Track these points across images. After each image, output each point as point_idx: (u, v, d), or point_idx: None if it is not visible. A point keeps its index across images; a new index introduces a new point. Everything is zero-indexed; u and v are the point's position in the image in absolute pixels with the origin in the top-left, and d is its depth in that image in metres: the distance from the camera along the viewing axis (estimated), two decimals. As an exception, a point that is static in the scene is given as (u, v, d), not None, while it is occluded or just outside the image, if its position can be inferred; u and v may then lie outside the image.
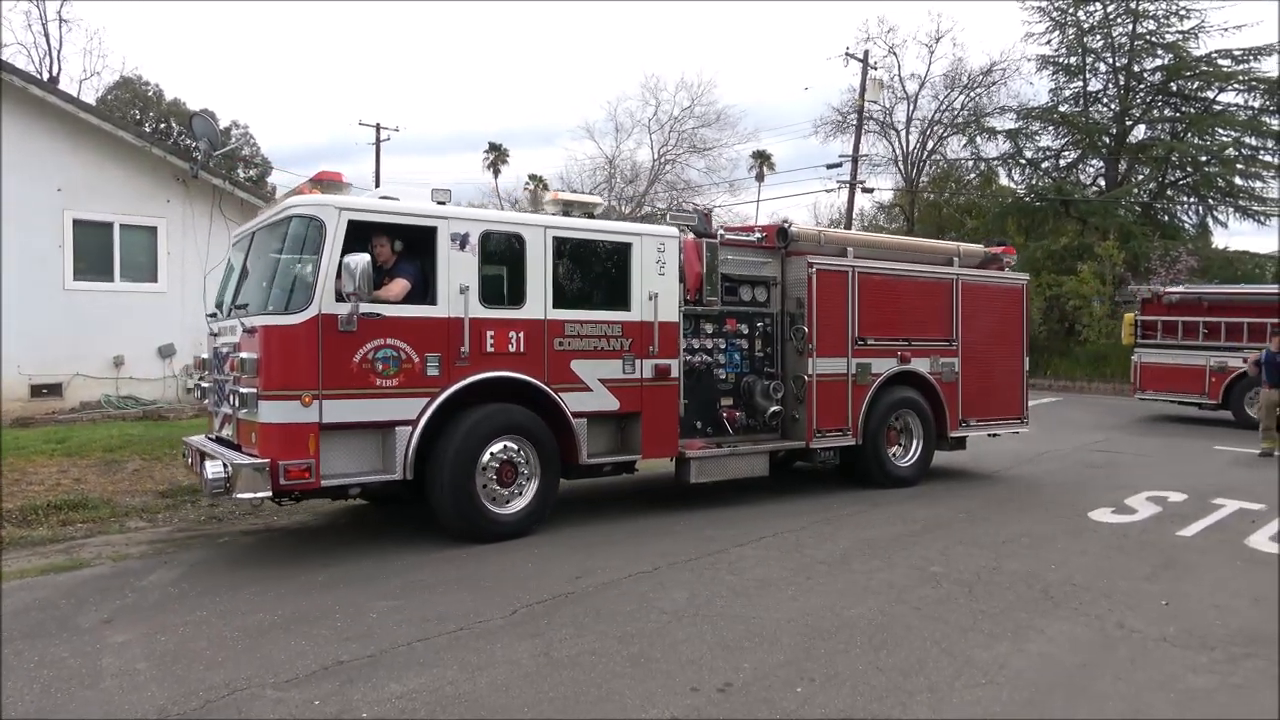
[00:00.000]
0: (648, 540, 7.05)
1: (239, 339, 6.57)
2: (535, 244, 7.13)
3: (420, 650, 4.62)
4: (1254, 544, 7.24)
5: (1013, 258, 11.12)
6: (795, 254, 9.07)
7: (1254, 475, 10.88)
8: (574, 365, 7.29)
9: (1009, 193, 35.84)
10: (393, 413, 6.44)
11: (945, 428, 9.93)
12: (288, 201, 6.69)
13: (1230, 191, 32.02)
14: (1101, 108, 33.70)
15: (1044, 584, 5.94)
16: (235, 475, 6.00)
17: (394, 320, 6.44)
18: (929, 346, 9.77)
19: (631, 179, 41.17)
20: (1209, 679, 4.37)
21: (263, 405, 6.12)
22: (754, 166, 60.03)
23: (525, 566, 6.22)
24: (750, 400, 8.77)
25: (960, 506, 8.60)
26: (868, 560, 6.51)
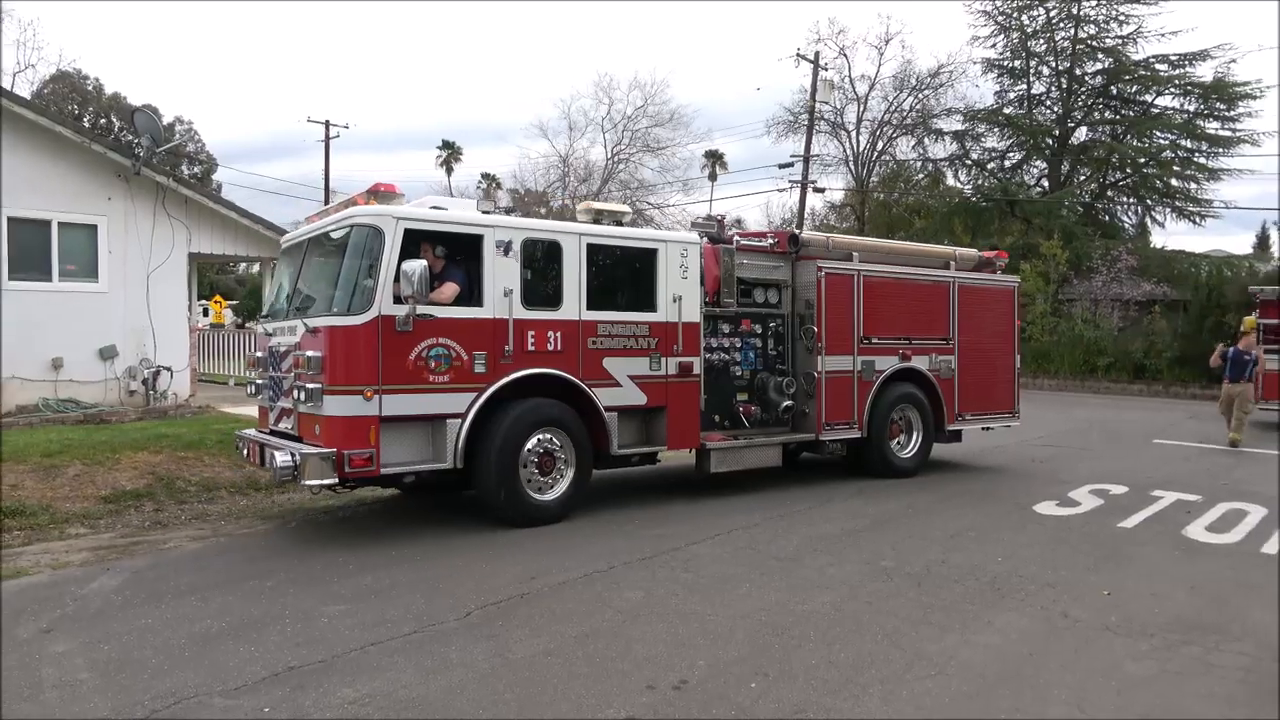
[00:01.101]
0: (602, 539, 7.05)
1: (300, 339, 7.03)
2: (571, 250, 7.65)
3: (373, 654, 4.57)
4: (1190, 534, 7.48)
5: (1004, 261, 11.70)
6: (805, 258, 9.64)
7: (1191, 467, 11.24)
8: (606, 362, 7.81)
9: (956, 193, 36.53)
10: (444, 406, 6.93)
11: (943, 421, 10.48)
12: (348, 211, 7.14)
13: (1167, 192, 33.01)
14: (1045, 110, 34.51)
15: (991, 576, 6.07)
16: (304, 464, 6.46)
17: (445, 321, 6.92)
18: (928, 345, 10.33)
19: (585, 178, 41.12)
20: (1148, 666, 4.51)
21: (327, 399, 6.62)
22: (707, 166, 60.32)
23: (479, 567, 6.18)
24: (764, 395, 9.31)
25: (908, 502, 8.74)
26: (820, 556, 6.59)
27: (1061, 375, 25.90)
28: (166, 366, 13.34)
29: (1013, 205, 32.85)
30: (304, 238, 7.84)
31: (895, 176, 38.93)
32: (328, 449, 6.54)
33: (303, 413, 6.95)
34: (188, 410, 12.61)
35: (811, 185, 34.60)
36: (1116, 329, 26.70)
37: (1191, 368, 24.36)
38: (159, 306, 13.39)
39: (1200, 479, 10.27)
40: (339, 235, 7.20)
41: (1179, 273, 28.74)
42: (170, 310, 13.59)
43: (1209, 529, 7.67)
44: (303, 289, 7.55)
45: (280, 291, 8.06)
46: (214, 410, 12.71)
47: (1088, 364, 25.98)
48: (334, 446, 6.54)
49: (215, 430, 10.52)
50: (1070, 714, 3.94)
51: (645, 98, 40.81)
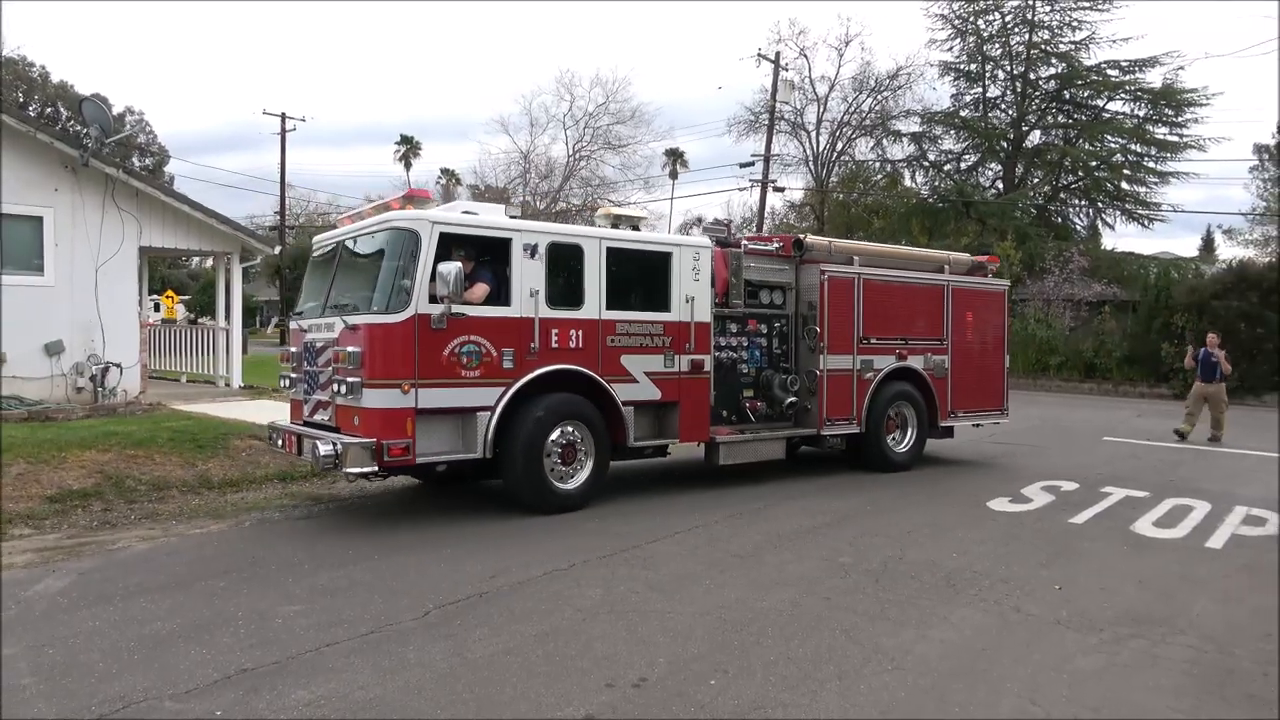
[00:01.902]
0: (563, 537, 7.03)
1: (338, 335, 7.38)
2: (592, 253, 8.05)
3: (329, 655, 4.50)
4: (1138, 530, 7.66)
5: (995, 265, 12.23)
6: (808, 262, 10.11)
7: (1138, 464, 11.51)
8: (623, 360, 8.24)
9: (914, 194, 37.02)
10: (474, 400, 7.32)
11: (936, 418, 10.97)
12: (386, 216, 7.55)
13: (1118, 195, 33.81)
14: (1000, 113, 35.11)
15: (946, 572, 6.16)
16: (345, 452, 6.84)
17: (476, 319, 7.31)
18: (923, 345, 10.82)
19: (546, 174, 40.95)
20: (1098, 659, 4.60)
21: (367, 392, 7.00)
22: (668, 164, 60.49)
23: (437, 567, 6.13)
24: (769, 392, 9.77)
25: (867, 498, 8.84)
26: (780, 553, 6.63)
27: (1014, 374, 26.33)
28: (116, 363, 13.03)
29: (968, 206, 33.38)
30: (339, 239, 8.19)
31: (854, 177, 39.32)
32: (368, 439, 6.92)
33: (341, 405, 7.31)
34: (138, 408, 12.32)
35: (772, 185, 34.83)
36: (1068, 329, 27.27)
37: (1140, 367, 25.00)
38: (108, 301, 13.07)
39: (1147, 475, 10.52)
40: (376, 238, 7.60)
41: (1128, 274, 29.43)
42: (120, 305, 13.27)
43: (1156, 524, 7.86)
44: (339, 288, 7.91)
45: (314, 290, 8.40)
46: (165, 408, 12.44)
47: (1040, 363, 26.51)
48: (373, 436, 6.93)
49: (166, 428, 10.30)
50: (1022, 707, 4.01)
51: (607, 95, 40.79)
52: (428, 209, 7.51)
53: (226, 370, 15.76)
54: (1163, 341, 24.07)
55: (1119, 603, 5.55)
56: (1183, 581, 6.10)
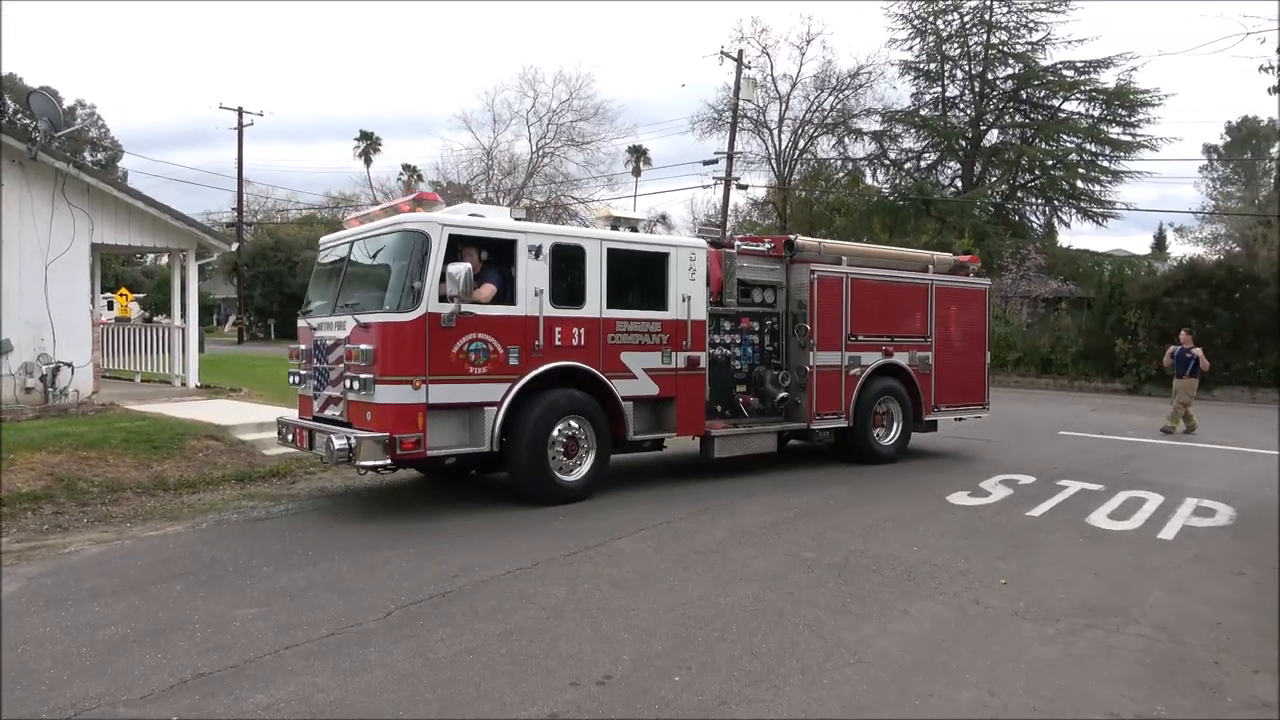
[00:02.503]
0: (526, 535, 7.00)
1: (350, 333, 7.63)
2: (593, 254, 8.36)
3: (288, 658, 4.43)
4: (1094, 522, 7.81)
5: (976, 265, 12.63)
6: (799, 262, 10.44)
7: (1093, 458, 11.74)
8: (623, 356, 8.54)
9: (875, 192, 37.37)
10: (482, 395, 7.61)
11: (921, 412, 11.35)
12: (397, 218, 7.81)
13: (1073, 194, 34.42)
14: (959, 112, 35.57)
15: (907, 565, 6.23)
16: (359, 446, 7.11)
17: (483, 318, 7.58)
18: (908, 342, 11.17)
19: (509, 171, 40.77)
20: (1054, 650, 4.69)
21: (379, 388, 7.27)
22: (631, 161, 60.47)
23: (399, 567, 6.06)
24: (761, 387, 10.10)
25: (828, 494, 8.91)
26: (743, 548, 6.66)
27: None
28: (67, 362, 12.71)
29: (928, 204, 33.79)
30: (348, 240, 8.42)
31: (816, 175, 39.59)
32: (381, 433, 7.20)
33: (353, 400, 7.56)
34: (90, 408, 12.04)
35: (735, 182, 34.96)
36: (1025, 325, 27.72)
37: (1094, 362, 25.48)
38: (58, 299, 12.74)
39: (1102, 469, 10.73)
40: (387, 239, 7.85)
41: (1083, 271, 29.98)
42: (71, 303, 12.94)
43: (1111, 517, 8.02)
44: (349, 287, 8.16)
45: (323, 289, 8.67)
46: (119, 408, 12.17)
47: (998, 358, 26.89)
48: (386, 431, 7.20)
49: (120, 429, 10.08)
50: (981, 698, 4.07)
51: (570, 91, 40.71)
52: (436, 211, 7.77)
53: (182, 370, 15.46)
54: (1117, 338, 24.56)
55: (1075, 594, 5.65)
56: (1136, 572, 6.23)
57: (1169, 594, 5.72)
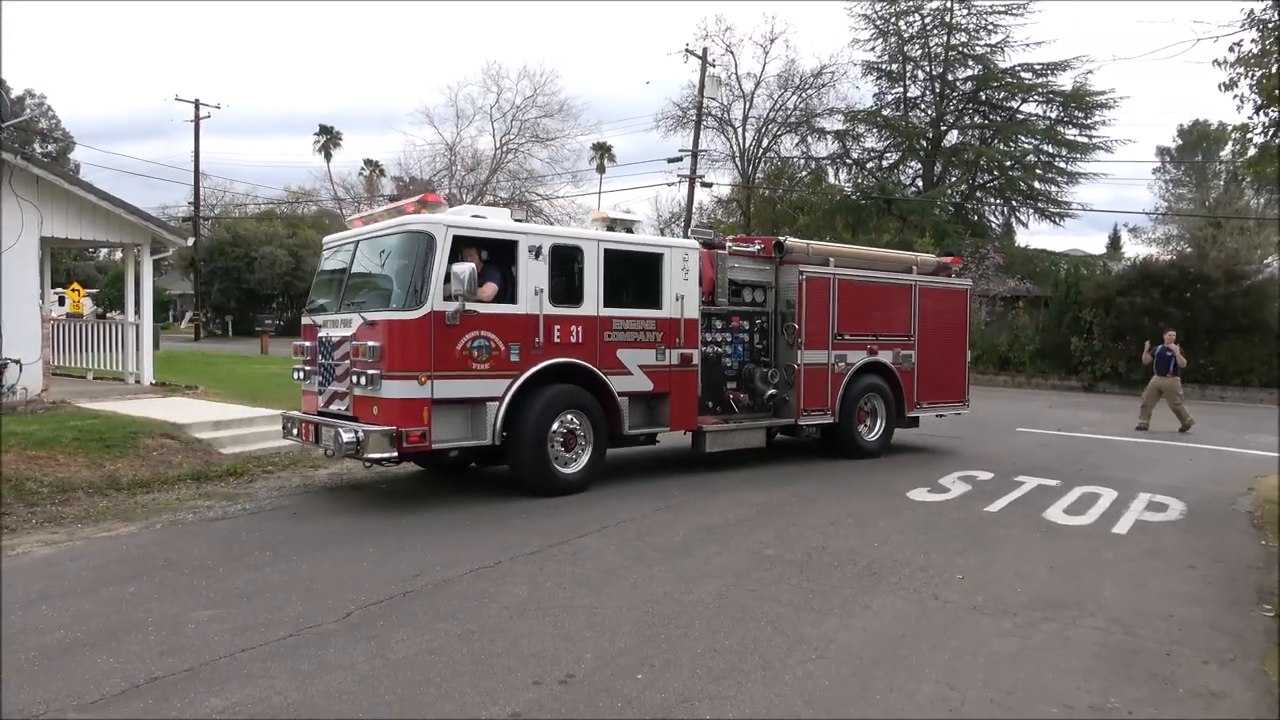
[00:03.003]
0: (488, 533, 6.95)
1: (356, 330, 7.87)
2: (590, 255, 8.66)
3: (245, 660, 4.36)
4: (1050, 517, 7.95)
5: (959, 266, 13.03)
6: (788, 263, 10.77)
7: (1050, 454, 11.95)
8: (619, 353, 8.83)
9: (837, 191, 37.66)
10: (484, 390, 7.88)
11: (904, 409, 11.69)
12: (402, 219, 8.08)
13: (1030, 194, 34.98)
14: (920, 113, 35.97)
15: (868, 561, 6.29)
16: (367, 439, 7.38)
17: (486, 316, 7.85)
18: (892, 341, 11.51)
19: (473, 167, 40.51)
20: (1012, 643, 4.76)
21: (386, 383, 7.53)
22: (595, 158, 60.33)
23: (359, 567, 5.99)
24: (750, 384, 10.43)
25: (791, 491, 8.97)
26: (706, 545, 6.68)
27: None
28: (16, 359, 12.37)
29: (890, 204, 34.16)
30: (353, 240, 8.67)
31: (780, 173, 39.82)
32: (388, 426, 7.44)
33: (359, 395, 7.82)
34: (40, 406, 11.74)
35: (699, 180, 35.04)
36: (984, 323, 28.14)
37: (1051, 360, 25.95)
38: (6, 294, 12.41)
39: (1058, 464, 10.93)
40: (392, 239, 8.11)
41: (1040, 270, 30.51)
42: (19, 298, 12.61)
43: (1067, 512, 8.17)
44: (355, 286, 8.42)
45: (327, 287, 8.92)
46: (70, 406, 11.88)
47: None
48: (393, 424, 7.45)
49: (71, 427, 9.85)
50: (940, 691, 4.12)
51: (535, 87, 40.56)
52: (440, 213, 8.01)
53: (136, 367, 15.13)
54: (1072, 336, 25.01)
55: (1032, 588, 5.74)
56: (1091, 566, 6.35)
57: (1123, 587, 5.83)
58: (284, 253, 47.64)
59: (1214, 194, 50.76)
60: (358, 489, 8.85)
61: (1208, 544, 7.10)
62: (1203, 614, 5.32)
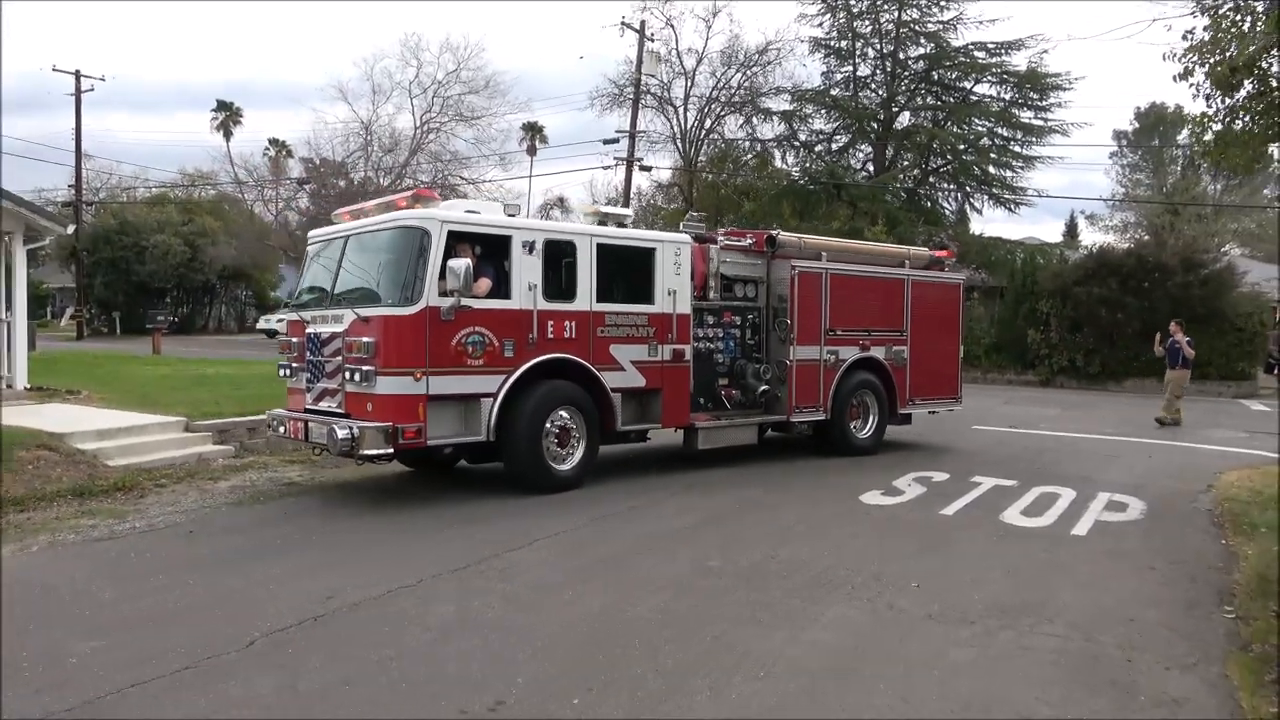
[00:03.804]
0: (411, 548, 6.86)
1: (349, 326, 8.32)
2: (584, 250, 9.18)
3: (134, 697, 4.21)
4: (1007, 519, 8.15)
5: (952, 260, 13.66)
6: (780, 257, 11.28)
7: (1006, 452, 12.27)
8: (612, 349, 9.36)
9: (784, 175, 37.99)
10: (479, 387, 8.40)
11: (896, 405, 12.24)
12: (395, 215, 8.58)
13: (985, 179, 35.75)
14: (870, 93, 36.50)
15: (819, 570, 6.36)
16: (363, 436, 7.81)
17: (480, 312, 8.34)
18: (884, 336, 12.06)
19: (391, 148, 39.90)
20: (969, 652, 4.86)
21: (381, 380, 8.00)
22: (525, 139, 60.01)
23: (265, 588, 5.85)
24: (742, 381, 10.94)
25: (740, 496, 9.05)
26: (648, 556, 6.69)
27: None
28: None
29: (839, 189, 34.60)
30: (343, 234, 9.13)
31: (723, 156, 40.06)
32: (383, 423, 7.87)
33: (353, 392, 8.28)
34: (-104, 415, 11.20)
35: (637, 163, 35.09)
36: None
37: (1007, 353, 26.66)
38: None
39: (1015, 463, 11.23)
40: (386, 234, 8.61)
41: (996, 259, 31.25)
42: None
43: (1024, 513, 8.39)
44: (346, 281, 8.83)
45: (315, 282, 9.36)
46: (-69, 415, 11.36)
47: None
48: (388, 421, 7.90)
49: (-67, 439, 9.41)
50: (895, 705, 4.19)
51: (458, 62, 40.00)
52: (434, 208, 8.52)
53: (9, 369, 14.55)
54: (1029, 328, 25.71)
55: (989, 594, 5.88)
56: (1050, 569, 6.53)
57: (1082, 591, 6.01)
58: (178, 242, 46.38)
59: (1171, 179, 52.64)
60: (263, 502, 8.64)
61: (1168, 544, 7.36)
62: (1163, 617, 5.50)
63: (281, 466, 10.32)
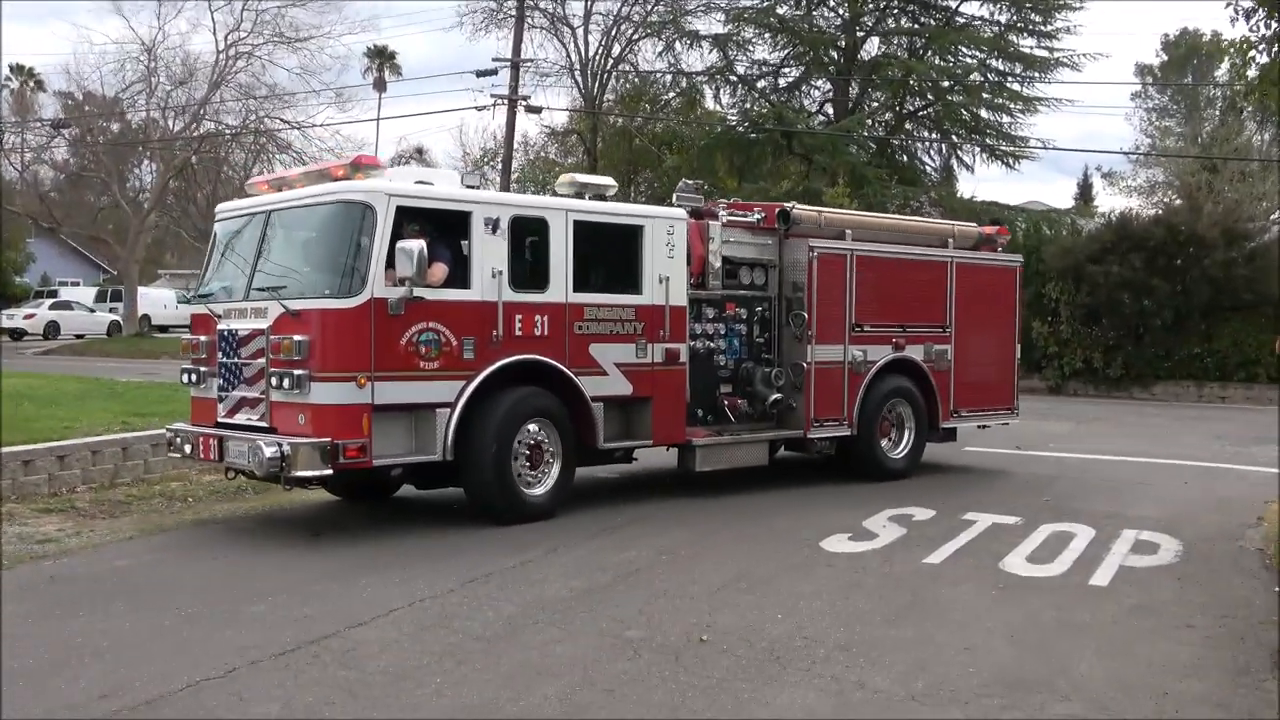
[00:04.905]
0: (220, 626, 6.70)
1: (275, 322, 8.76)
2: (558, 228, 9.77)
3: None
4: (1009, 567, 8.36)
5: (1006, 238, 14.23)
6: (794, 236, 11.82)
7: (1008, 482, 12.61)
8: (592, 349, 9.93)
9: (718, 120, 38.22)
10: (434, 394, 8.96)
11: (937, 418, 12.81)
12: (332, 187, 9.08)
13: (976, 127, 36.41)
14: (829, 11, 36.89)
15: (769, 641, 6.42)
16: (295, 454, 8.29)
17: (435, 304, 8.88)
18: (923, 333, 12.63)
19: (185, 79, 39.10)
20: (963, 743, 4.97)
21: (316, 386, 8.48)
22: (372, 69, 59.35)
23: (13, 688, 5.63)
24: (750, 387, 11.48)
25: (661, 544, 9.06)
26: (543, 629, 6.66)
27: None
28: None
29: (789, 138, 34.97)
30: (263, 209, 9.62)
31: (638, 95, 40.22)
32: (320, 438, 8.35)
33: (280, 401, 8.77)
34: None
35: (523, 103, 34.98)
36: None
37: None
38: None
39: (1019, 496, 11.55)
40: (319, 211, 9.21)
41: (992, 232, 31.97)
42: None
43: (1030, 559, 8.62)
44: (269, 267, 9.33)
45: (229, 268, 9.91)
46: None
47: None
48: (326, 435, 8.38)
49: None
50: (870, 818, 4.25)
51: (277, -38, 39.25)
52: (377, 179, 9.04)
53: None
54: (1034, 319, 26.27)
55: (987, 665, 6.01)
56: (1063, 631, 6.70)
57: (1104, 658, 6.19)
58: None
59: (1208, 127, 54.23)
60: (24, 556, 8.33)
61: (1209, 594, 7.64)
62: (1206, 688, 5.69)
63: (34, 519, 9.96)
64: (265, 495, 11.03)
